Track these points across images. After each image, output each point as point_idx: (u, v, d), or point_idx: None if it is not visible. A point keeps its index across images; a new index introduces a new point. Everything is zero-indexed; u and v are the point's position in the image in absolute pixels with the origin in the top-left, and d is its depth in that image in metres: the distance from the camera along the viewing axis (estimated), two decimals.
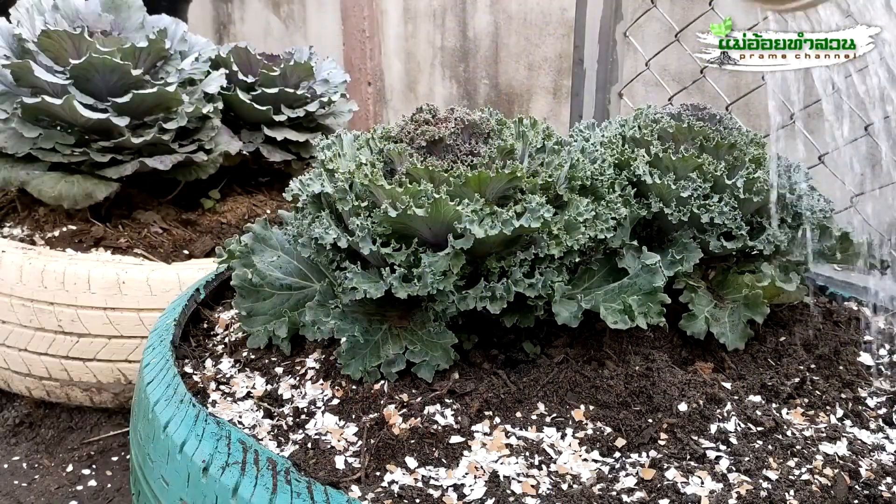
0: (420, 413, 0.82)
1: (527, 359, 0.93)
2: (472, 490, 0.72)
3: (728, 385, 0.91)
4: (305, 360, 0.94)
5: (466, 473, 0.74)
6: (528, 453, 0.77)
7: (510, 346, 0.96)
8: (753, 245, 0.96)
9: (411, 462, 0.76)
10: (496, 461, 0.76)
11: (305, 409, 0.85)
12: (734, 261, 1.03)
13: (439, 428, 0.80)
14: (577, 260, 0.90)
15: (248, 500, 0.68)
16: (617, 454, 0.79)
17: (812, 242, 1.00)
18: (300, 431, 0.81)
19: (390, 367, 0.86)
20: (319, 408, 0.85)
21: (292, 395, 0.88)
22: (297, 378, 0.92)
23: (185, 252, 1.75)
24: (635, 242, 0.93)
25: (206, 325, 1.08)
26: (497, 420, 0.83)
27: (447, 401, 0.85)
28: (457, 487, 0.72)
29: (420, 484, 0.72)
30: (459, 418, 0.82)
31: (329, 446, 0.78)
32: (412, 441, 0.78)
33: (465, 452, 0.77)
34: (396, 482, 0.72)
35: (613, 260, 0.93)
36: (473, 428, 0.81)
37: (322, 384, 0.89)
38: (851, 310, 1.13)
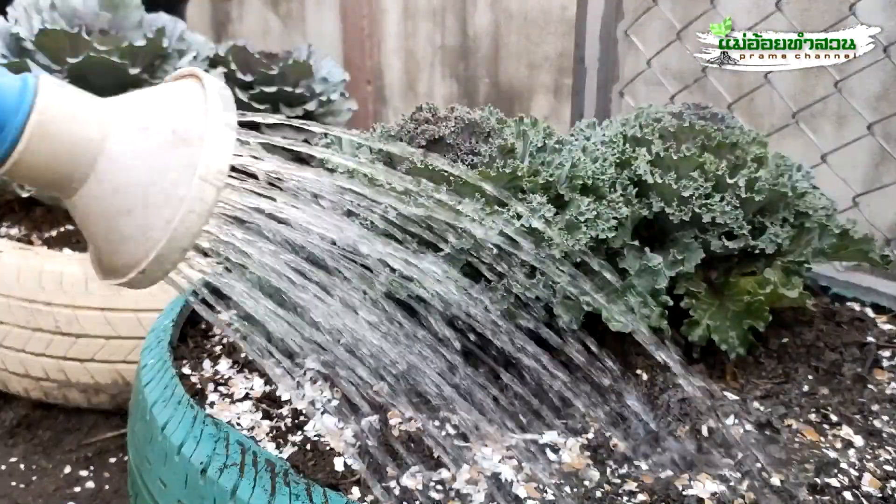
0: (420, 415, 0.82)
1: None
2: (473, 492, 0.71)
3: (730, 389, 0.90)
4: (305, 361, 0.94)
5: (468, 476, 0.74)
6: (529, 455, 0.77)
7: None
8: (755, 245, 0.95)
9: (412, 464, 0.75)
10: (498, 463, 0.75)
11: (304, 411, 0.84)
12: (736, 261, 1.03)
13: (440, 429, 0.79)
14: (578, 260, 0.90)
15: (246, 501, 0.67)
16: (618, 457, 0.78)
17: (814, 241, 1.00)
18: (299, 433, 0.81)
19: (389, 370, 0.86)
20: (319, 409, 0.85)
21: (291, 397, 0.88)
22: (297, 379, 0.91)
23: None
24: (636, 242, 0.92)
25: (203, 326, 1.07)
26: (497, 421, 0.82)
27: (446, 401, 0.84)
28: (458, 490, 0.72)
29: (420, 486, 0.72)
30: (459, 419, 0.81)
31: (328, 448, 0.78)
32: (412, 441, 0.77)
33: (467, 454, 0.77)
34: (397, 485, 0.72)
35: (615, 260, 0.92)
36: (473, 428, 0.81)
37: (321, 385, 0.89)
38: (854, 310, 1.13)
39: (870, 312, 1.13)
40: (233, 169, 0.54)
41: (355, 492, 0.71)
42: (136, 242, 0.54)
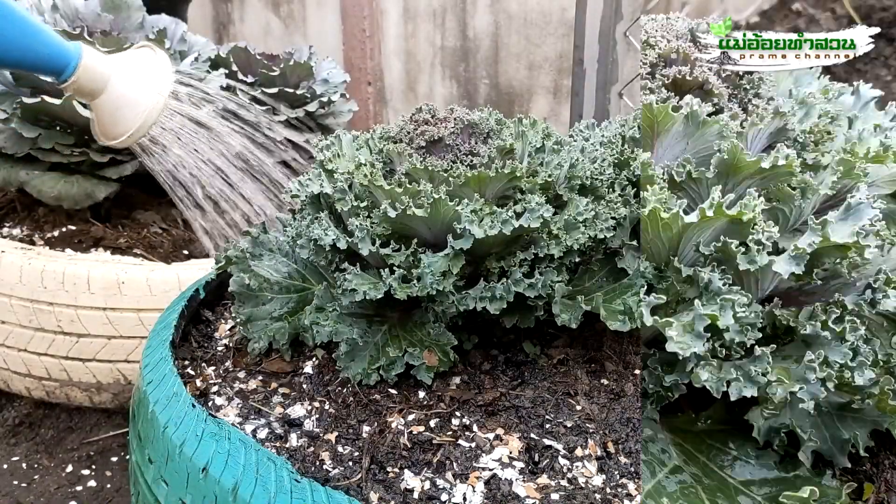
0: (419, 415, 0.82)
1: (527, 359, 0.93)
2: (472, 493, 0.71)
3: None
4: (306, 362, 0.94)
5: (467, 476, 0.74)
6: (529, 456, 0.77)
7: (510, 347, 0.96)
8: None
9: (411, 464, 0.76)
10: (497, 463, 0.76)
11: (306, 411, 0.85)
12: None
13: (439, 430, 0.80)
14: (578, 260, 0.90)
15: (247, 500, 0.68)
16: (618, 456, 0.78)
17: None
18: (300, 433, 0.81)
19: (389, 369, 0.86)
20: (319, 410, 0.85)
21: (293, 397, 0.88)
22: (298, 380, 0.92)
23: (185, 252, 1.75)
24: (635, 242, 0.93)
25: (205, 326, 1.08)
26: (498, 422, 0.83)
27: (447, 403, 0.85)
28: (457, 490, 0.72)
29: (419, 486, 0.72)
30: (459, 420, 0.82)
31: (329, 448, 0.78)
32: (412, 443, 0.78)
33: (466, 455, 0.77)
34: (396, 485, 0.72)
35: (614, 260, 0.92)
36: (474, 430, 0.81)
37: (322, 386, 0.89)
38: None
39: None
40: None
41: (356, 492, 0.71)
42: (126, 121, 1.25)
